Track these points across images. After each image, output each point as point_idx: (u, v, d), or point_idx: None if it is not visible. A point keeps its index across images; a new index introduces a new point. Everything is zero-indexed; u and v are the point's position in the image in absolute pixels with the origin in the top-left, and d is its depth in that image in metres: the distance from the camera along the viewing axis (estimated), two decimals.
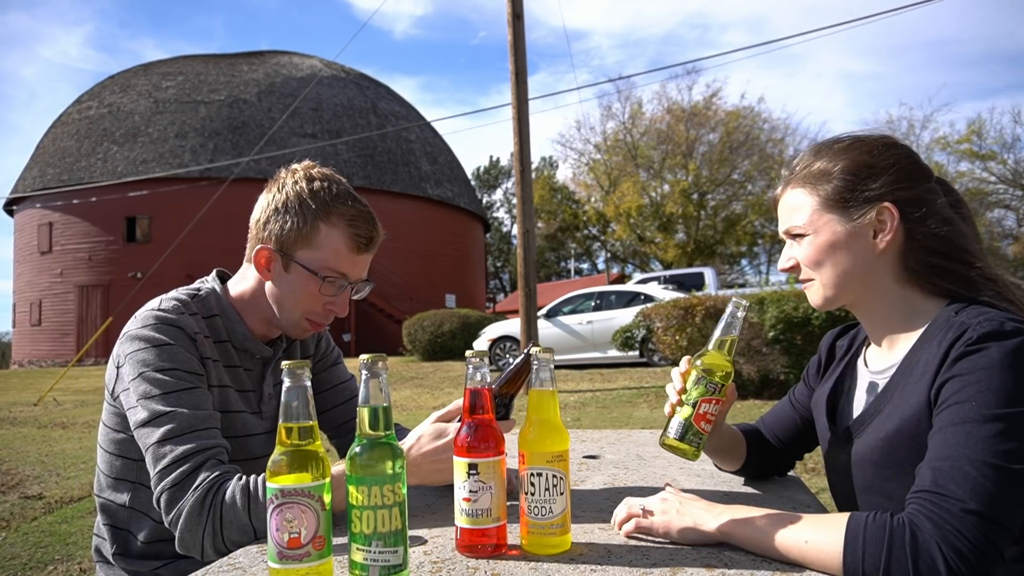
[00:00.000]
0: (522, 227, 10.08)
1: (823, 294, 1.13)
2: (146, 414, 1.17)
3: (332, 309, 1.35)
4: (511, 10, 10.21)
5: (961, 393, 0.91)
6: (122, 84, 27.20)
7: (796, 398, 1.38)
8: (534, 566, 0.90)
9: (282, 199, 1.31)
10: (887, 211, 1.06)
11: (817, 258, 1.11)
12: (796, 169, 1.15)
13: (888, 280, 1.10)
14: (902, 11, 10.73)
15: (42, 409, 11.25)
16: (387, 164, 26.73)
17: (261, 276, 1.35)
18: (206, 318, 1.34)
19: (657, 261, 29.28)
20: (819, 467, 4.97)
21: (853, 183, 1.08)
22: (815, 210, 1.11)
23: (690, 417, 1.13)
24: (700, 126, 27.44)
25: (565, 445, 0.96)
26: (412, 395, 10.85)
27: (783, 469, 1.42)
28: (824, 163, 1.11)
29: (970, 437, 0.87)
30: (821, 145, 1.16)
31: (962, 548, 0.79)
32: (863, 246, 1.08)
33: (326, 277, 1.30)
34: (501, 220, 54.40)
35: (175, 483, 1.12)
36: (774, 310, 7.94)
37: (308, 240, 1.29)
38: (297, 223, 1.29)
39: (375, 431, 0.83)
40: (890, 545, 0.81)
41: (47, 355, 24.86)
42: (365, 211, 1.34)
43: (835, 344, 1.32)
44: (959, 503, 0.82)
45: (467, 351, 0.97)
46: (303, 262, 1.30)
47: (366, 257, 1.36)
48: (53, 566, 3.56)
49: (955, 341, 0.95)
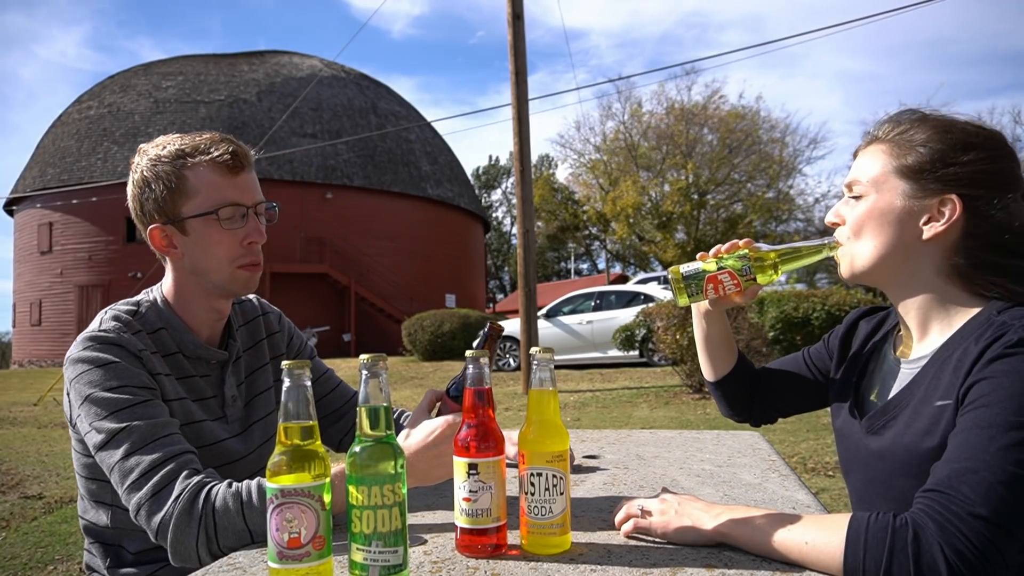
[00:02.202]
0: (522, 227, 10.08)
1: (852, 264, 1.10)
2: (102, 436, 1.12)
3: (251, 240, 1.28)
4: (511, 10, 10.21)
5: (991, 396, 0.88)
6: (122, 84, 27.20)
7: (810, 355, 1.36)
8: (534, 566, 0.90)
9: (139, 177, 1.27)
10: (951, 203, 1.02)
11: (863, 222, 1.07)
12: (889, 130, 1.10)
13: (929, 271, 1.06)
14: (902, 11, 10.74)
15: (42, 409, 11.25)
16: (387, 164, 26.72)
17: (172, 258, 1.30)
18: (151, 333, 1.28)
19: (657, 261, 29.28)
20: (819, 467, 4.96)
21: (934, 160, 1.03)
22: (885, 171, 1.06)
23: (707, 271, 1.16)
24: (700, 126, 27.46)
25: (565, 445, 0.96)
26: (412, 395, 10.85)
27: (761, 415, 1.40)
28: (915, 130, 1.06)
29: (992, 442, 0.84)
30: (925, 114, 1.10)
31: (965, 551, 0.77)
32: (911, 228, 1.04)
33: (219, 210, 1.24)
34: (501, 220, 54.42)
35: (152, 494, 1.07)
36: (774, 310, 7.94)
37: (183, 192, 1.24)
38: (163, 186, 1.24)
39: (375, 431, 0.83)
40: (892, 546, 0.79)
41: (47, 355, 24.86)
42: (216, 136, 1.28)
43: (860, 320, 1.29)
44: (968, 506, 0.80)
45: (467, 351, 0.96)
46: (192, 213, 1.24)
47: (246, 176, 1.28)
48: (53, 566, 3.56)
49: (993, 341, 0.92)
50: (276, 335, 1.52)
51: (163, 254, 1.31)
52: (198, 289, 1.32)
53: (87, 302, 24.04)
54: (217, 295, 1.33)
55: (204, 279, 1.30)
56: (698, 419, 7.21)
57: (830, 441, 5.72)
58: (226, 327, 1.42)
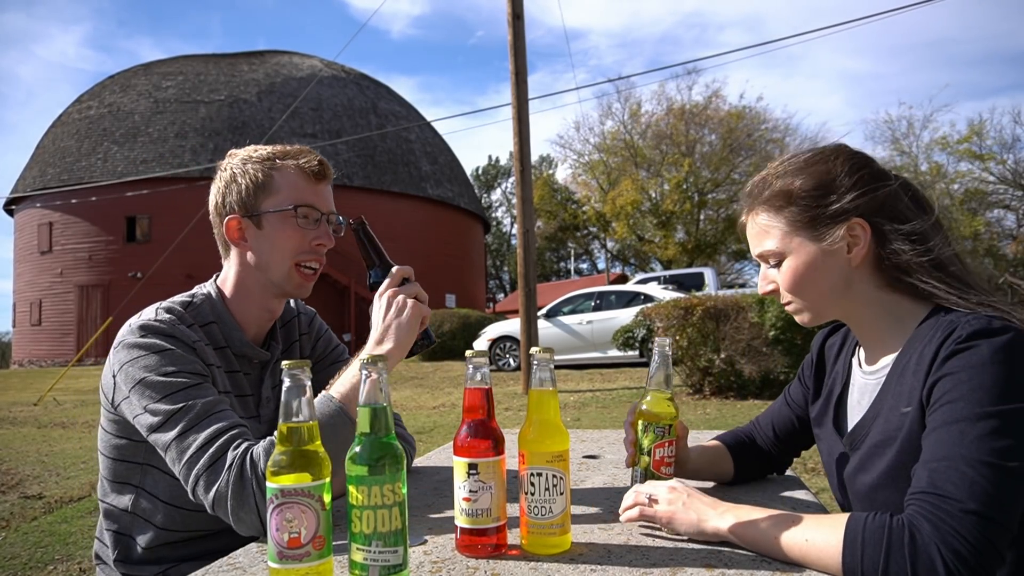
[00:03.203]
0: (522, 227, 10.08)
1: (809, 315, 1.13)
2: (157, 418, 1.16)
3: (320, 243, 1.35)
4: (511, 10, 10.21)
5: (953, 392, 0.91)
6: (122, 84, 27.21)
7: (791, 396, 1.38)
8: (534, 566, 0.90)
9: (228, 175, 1.34)
10: (857, 225, 1.06)
11: (796, 281, 1.10)
12: (756, 193, 1.14)
13: (870, 288, 1.09)
14: (903, 11, 10.74)
15: (42, 409, 11.25)
16: (387, 164, 26.72)
17: (239, 249, 1.35)
18: (203, 326, 1.33)
19: (657, 260, 29.29)
20: (819, 467, 4.97)
21: (817, 201, 1.07)
22: (784, 233, 1.10)
23: (649, 465, 1.16)
24: (700, 126, 27.46)
25: (565, 445, 0.96)
26: (412, 395, 10.86)
27: (780, 468, 1.42)
28: (783, 183, 1.10)
29: (964, 436, 0.87)
30: (777, 165, 1.14)
31: (961, 549, 0.79)
32: (839, 263, 1.08)
33: (298, 207, 1.31)
34: (501, 220, 54.42)
35: (208, 466, 1.10)
36: (774, 310, 7.94)
37: (266, 189, 1.31)
38: (249, 181, 1.31)
39: (375, 431, 0.83)
40: (888, 546, 0.81)
41: (47, 355, 24.86)
42: (305, 148, 1.37)
43: (826, 343, 1.32)
44: (957, 503, 0.82)
45: (467, 351, 0.97)
46: (272, 209, 1.31)
47: (325, 187, 1.37)
48: (53, 566, 3.56)
49: (944, 340, 0.94)
50: (304, 337, 1.56)
51: (233, 245, 1.36)
52: (256, 285, 1.37)
53: (87, 302, 24.04)
54: (272, 293, 1.38)
55: (264, 274, 1.35)
56: (698, 419, 7.21)
57: None
58: (270, 329, 1.46)
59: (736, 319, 8.05)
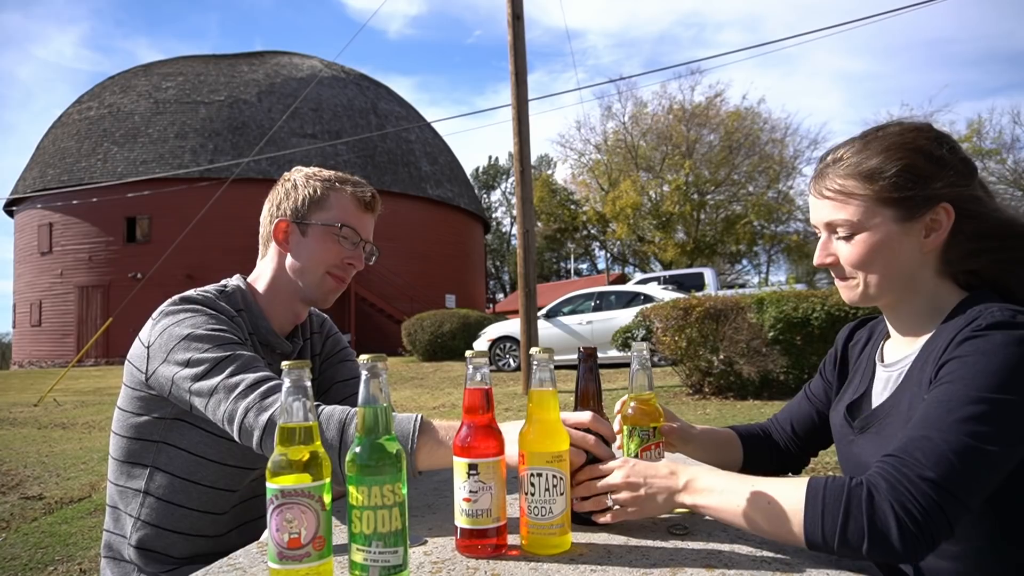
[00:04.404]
0: (522, 227, 10.08)
1: (864, 293, 1.09)
2: (204, 366, 1.21)
3: (351, 262, 1.45)
4: (511, 11, 10.21)
5: (956, 373, 0.91)
6: (122, 85, 27.20)
7: (812, 391, 1.36)
8: (534, 566, 0.90)
9: (290, 184, 1.45)
10: (944, 211, 1.03)
11: (867, 258, 1.06)
12: (844, 158, 1.08)
13: (929, 275, 1.07)
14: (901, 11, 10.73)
15: (42, 410, 11.25)
16: (387, 164, 26.73)
17: (280, 249, 1.45)
18: (236, 311, 1.40)
19: (657, 261, 29.28)
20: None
21: (913, 182, 1.03)
22: (868, 207, 1.05)
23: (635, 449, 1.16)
24: (701, 126, 27.45)
25: (565, 445, 0.96)
26: (412, 395, 10.86)
27: (796, 466, 1.39)
28: (877, 158, 1.05)
29: (950, 414, 0.87)
30: (871, 135, 1.09)
31: (913, 511, 0.81)
32: (913, 246, 1.05)
33: (343, 226, 1.42)
34: (500, 220, 54.44)
35: (261, 398, 1.15)
36: (774, 310, 7.94)
37: (320, 205, 1.43)
38: (308, 194, 1.43)
39: (375, 431, 0.83)
40: (847, 503, 0.83)
41: (47, 356, 24.85)
42: (363, 180, 1.50)
43: (852, 336, 1.30)
44: (918, 468, 0.83)
45: (467, 351, 0.97)
46: (319, 222, 1.42)
47: (371, 218, 1.49)
48: (53, 567, 3.56)
49: (966, 327, 0.94)
50: (315, 336, 1.63)
51: (276, 245, 1.45)
52: (287, 286, 1.46)
53: (87, 303, 24.04)
54: (300, 297, 1.47)
55: (297, 277, 1.45)
56: (698, 419, 7.21)
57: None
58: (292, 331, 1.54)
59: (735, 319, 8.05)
